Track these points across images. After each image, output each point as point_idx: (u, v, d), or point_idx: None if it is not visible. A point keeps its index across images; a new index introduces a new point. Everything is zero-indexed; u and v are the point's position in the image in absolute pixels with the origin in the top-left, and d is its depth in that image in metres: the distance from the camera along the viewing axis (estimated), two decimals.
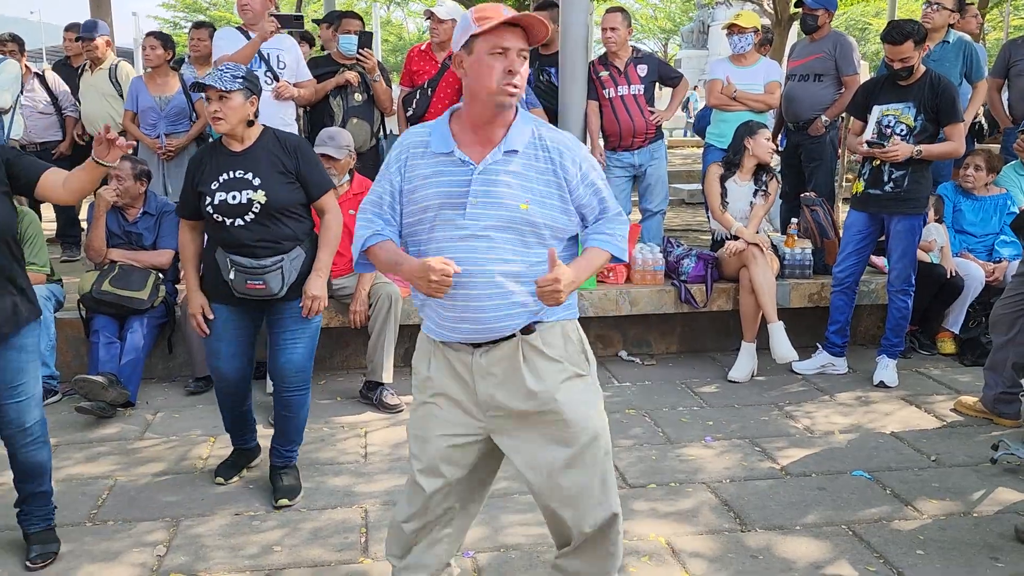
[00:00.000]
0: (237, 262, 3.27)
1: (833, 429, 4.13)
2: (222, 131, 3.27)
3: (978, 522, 3.24)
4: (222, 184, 3.26)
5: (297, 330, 3.40)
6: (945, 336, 5.27)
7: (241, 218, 3.24)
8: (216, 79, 3.20)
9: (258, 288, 3.28)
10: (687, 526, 3.22)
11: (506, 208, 2.25)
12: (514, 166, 2.27)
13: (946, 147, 4.54)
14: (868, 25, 29.94)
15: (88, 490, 3.53)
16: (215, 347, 3.44)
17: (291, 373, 3.40)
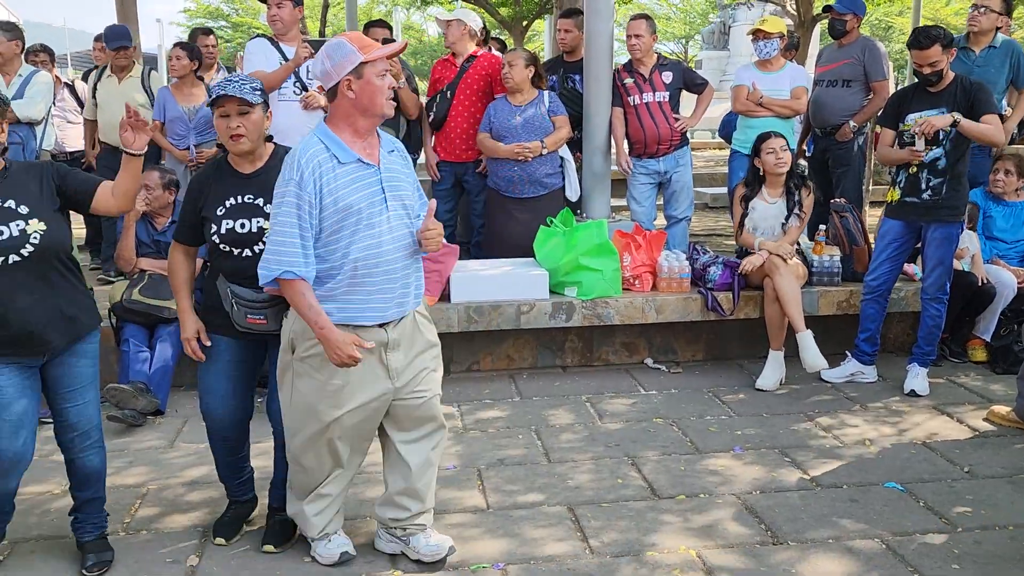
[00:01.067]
0: (238, 294, 2.94)
1: (864, 439, 4.10)
2: (244, 150, 2.93)
3: (1014, 535, 3.20)
4: (229, 210, 2.94)
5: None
6: (976, 344, 5.21)
7: (250, 248, 2.93)
8: (237, 89, 2.86)
9: (259, 323, 2.96)
10: (717, 539, 3.20)
11: (408, 197, 2.83)
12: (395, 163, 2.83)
13: (985, 129, 4.38)
14: (892, 24, 29.70)
15: (121, 500, 3.56)
16: (209, 383, 3.08)
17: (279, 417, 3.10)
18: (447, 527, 3.30)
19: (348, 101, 2.69)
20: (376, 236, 2.72)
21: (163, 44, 22.15)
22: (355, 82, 2.68)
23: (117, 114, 6.03)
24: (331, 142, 2.71)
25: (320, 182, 2.65)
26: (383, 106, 2.71)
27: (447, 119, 5.66)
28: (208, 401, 3.10)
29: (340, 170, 2.69)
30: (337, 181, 2.67)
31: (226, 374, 3.06)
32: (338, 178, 2.68)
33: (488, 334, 5.07)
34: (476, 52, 5.72)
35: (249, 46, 5.33)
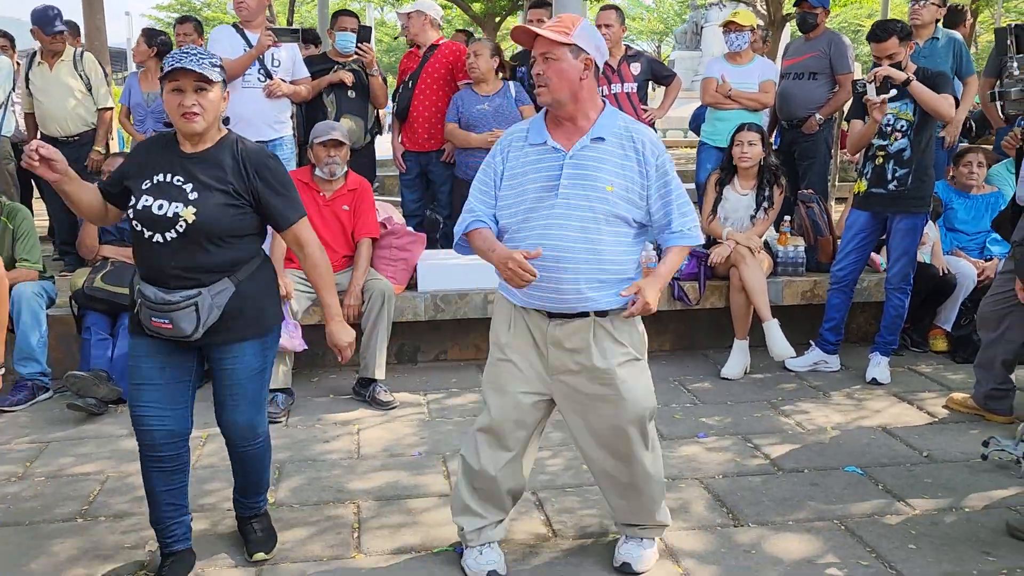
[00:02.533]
0: (143, 293, 2.63)
1: (826, 425, 4.14)
2: (196, 131, 2.60)
3: (970, 517, 3.25)
4: (153, 186, 2.62)
5: (234, 385, 2.75)
6: (937, 334, 5.28)
7: (161, 233, 2.59)
8: (195, 62, 2.54)
9: (164, 327, 2.61)
10: (680, 521, 3.21)
11: (594, 189, 2.60)
12: (601, 152, 2.63)
13: (937, 97, 4.41)
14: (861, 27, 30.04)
15: (80, 487, 3.52)
16: (134, 394, 2.72)
17: (237, 434, 2.84)
18: (411, 512, 3.29)
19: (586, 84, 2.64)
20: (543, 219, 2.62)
21: (131, 38, 21.91)
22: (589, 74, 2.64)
23: (55, 102, 5.91)
24: (533, 123, 2.73)
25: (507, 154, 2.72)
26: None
27: (410, 109, 5.65)
28: (136, 412, 2.72)
29: (530, 150, 2.69)
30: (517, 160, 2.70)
31: (154, 381, 2.70)
32: (527, 155, 2.69)
33: (456, 323, 5.07)
34: (438, 41, 5.72)
35: (213, 33, 5.29)
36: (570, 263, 2.59)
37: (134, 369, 2.73)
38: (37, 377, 4.44)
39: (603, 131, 2.64)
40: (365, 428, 4.15)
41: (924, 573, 2.87)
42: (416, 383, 4.77)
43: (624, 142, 2.64)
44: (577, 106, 2.63)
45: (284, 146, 5.30)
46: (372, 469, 3.69)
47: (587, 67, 2.60)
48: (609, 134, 2.64)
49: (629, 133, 2.65)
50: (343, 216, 4.53)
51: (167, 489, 2.79)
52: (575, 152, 2.63)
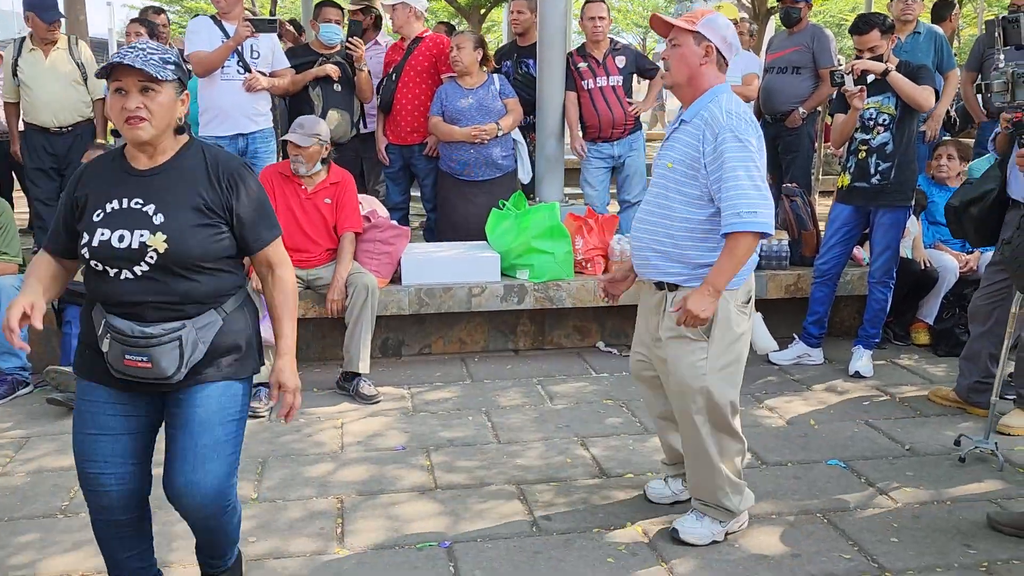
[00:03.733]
0: (114, 327, 2.19)
1: (808, 419, 4.16)
2: (141, 140, 2.19)
3: (951, 510, 3.27)
4: (108, 216, 2.19)
5: (203, 432, 2.26)
6: (919, 327, 5.31)
7: (129, 269, 2.19)
8: (141, 59, 2.14)
9: (141, 366, 2.18)
10: (663, 515, 3.22)
11: (660, 166, 2.87)
12: (682, 133, 2.83)
13: (915, 87, 4.43)
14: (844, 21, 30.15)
15: (60, 482, 3.49)
16: (87, 447, 2.27)
17: (198, 502, 2.27)
18: (394, 506, 3.28)
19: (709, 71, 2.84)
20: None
21: (113, 28, 21.69)
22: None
23: (49, 91, 5.73)
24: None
25: None
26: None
27: (393, 102, 5.63)
28: (86, 470, 2.28)
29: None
30: None
31: (109, 434, 2.28)
32: None
33: (440, 317, 5.05)
34: (422, 34, 5.69)
35: (191, 24, 5.24)
36: (642, 232, 2.92)
37: (87, 417, 2.28)
38: (17, 372, 4.40)
39: (690, 114, 2.82)
40: (348, 422, 4.13)
41: (906, 566, 2.89)
42: (400, 377, 4.75)
43: (700, 122, 2.78)
44: (693, 90, 2.82)
45: (265, 139, 5.27)
46: (355, 463, 3.67)
47: (707, 54, 2.80)
48: (693, 116, 2.81)
49: (704, 115, 2.78)
50: (325, 209, 4.50)
51: (130, 555, 2.41)
52: (671, 133, 2.89)
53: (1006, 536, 3.05)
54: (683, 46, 2.79)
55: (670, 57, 2.83)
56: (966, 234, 4.20)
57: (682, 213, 2.82)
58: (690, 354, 2.85)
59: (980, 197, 3.99)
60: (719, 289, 2.73)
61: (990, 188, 3.97)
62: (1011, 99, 3.27)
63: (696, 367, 2.85)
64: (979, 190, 4.02)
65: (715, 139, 2.71)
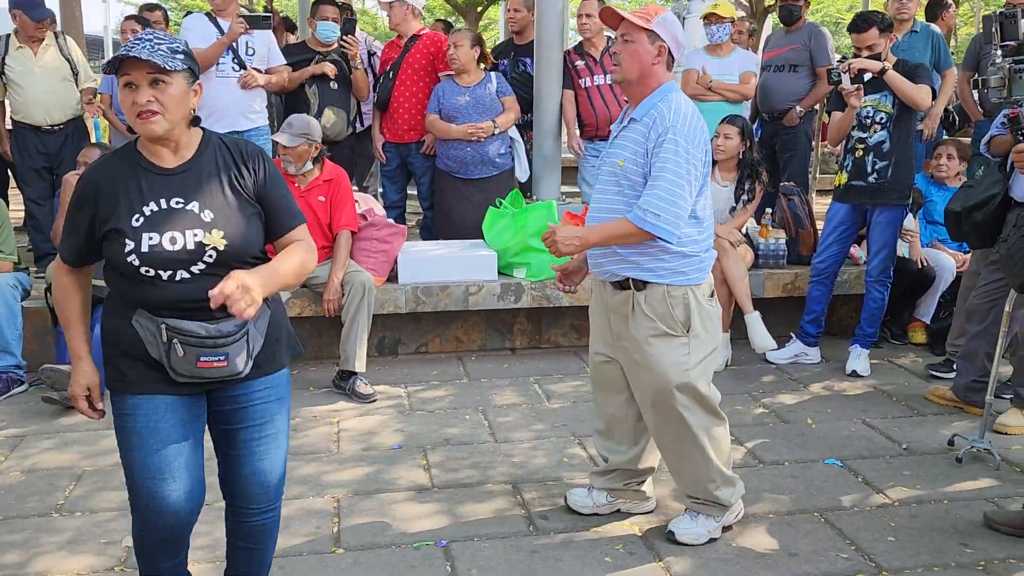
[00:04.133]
0: (182, 330, 2.11)
1: (806, 418, 4.15)
2: (156, 134, 2.11)
3: (948, 509, 3.26)
4: (150, 219, 2.10)
5: (266, 423, 2.28)
6: (917, 326, 5.31)
7: (186, 270, 2.11)
8: (148, 50, 2.05)
9: (217, 366, 2.14)
10: (660, 515, 3.21)
11: (610, 164, 2.85)
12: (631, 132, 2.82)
13: (911, 85, 4.43)
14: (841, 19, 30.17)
15: (56, 481, 3.47)
16: (154, 463, 2.16)
17: (261, 490, 2.32)
18: (391, 505, 3.27)
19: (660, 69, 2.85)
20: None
21: (109, 25, 21.62)
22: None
23: (40, 89, 5.62)
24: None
25: None
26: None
27: (390, 99, 5.61)
28: (157, 487, 2.17)
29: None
30: None
31: (175, 445, 2.18)
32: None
33: (436, 315, 5.04)
34: (419, 31, 5.68)
35: (185, 22, 5.23)
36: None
37: (146, 434, 2.17)
38: (12, 370, 4.38)
39: (640, 113, 2.81)
40: (344, 421, 4.12)
41: (903, 565, 2.88)
42: (396, 376, 4.74)
43: (648, 120, 2.77)
44: (642, 88, 2.81)
45: (260, 136, 5.25)
46: (351, 462, 3.66)
47: (660, 53, 2.79)
48: (643, 115, 2.80)
49: (652, 113, 2.78)
50: (318, 207, 4.49)
51: (173, 563, 2.34)
52: (619, 132, 2.88)
53: (1003, 535, 3.04)
54: (637, 43, 2.76)
55: (622, 52, 2.79)
56: (966, 238, 4.19)
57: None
58: (672, 351, 2.84)
59: (984, 202, 3.96)
60: (590, 241, 2.81)
61: (994, 193, 3.94)
62: (1008, 95, 3.26)
63: (680, 363, 2.84)
64: (983, 195, 3.97)
65: (658, 137, 2.74)
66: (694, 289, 2.84)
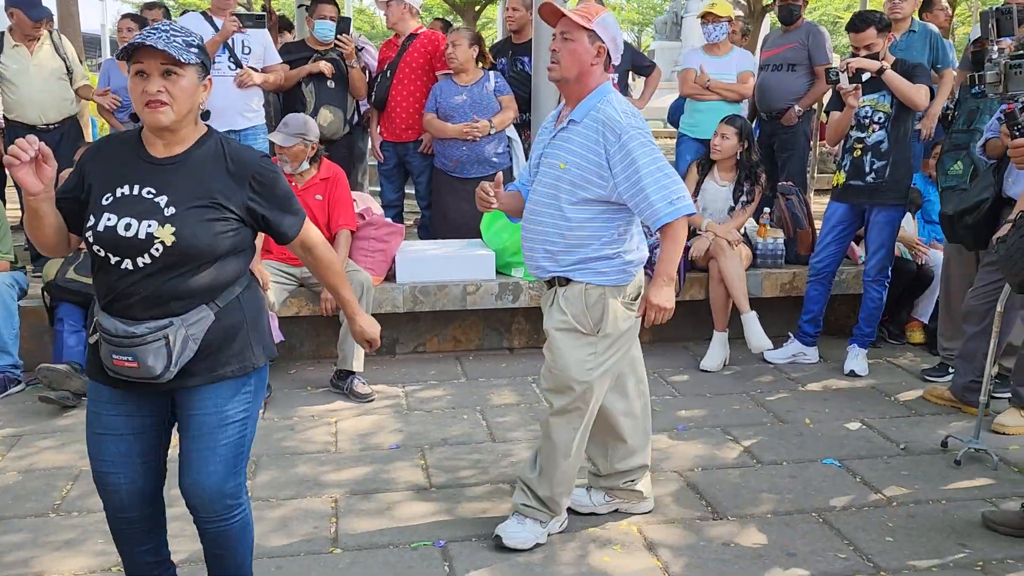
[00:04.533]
0: (102, 325, 2.16)
1: (804, 418, 4.15)
2: (162, 125, 2.12)
3: (946, 509, 3.27)
4: (116, 201, 2.13)
5: (203, 435, 2.24)
6: (915, 326, 5.31)
7: (132, 259, 2.12)
8: (163, 40, 2.06)
9: (128, 366, 2.13)
10: (658, 514, 3.21)
11: (554, 167, 2.80)
12: (572, 133, 2.78)
13: (909, 85, 4.43)
14: (839, 19, 30.20)
15: (52, 481, 3.47)
16: (96, 448, 2.26)
17: (203, 502, 2.26)
18: (389, 505, 3.27)
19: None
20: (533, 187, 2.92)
21: (106, 23, 21.59)
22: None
23: (36, 87, 5.59)
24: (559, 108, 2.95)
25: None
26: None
27: (388, 99, 5.61)
28: (99, 469, 2.28)
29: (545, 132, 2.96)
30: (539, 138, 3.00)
31: (114, 433, 2.25)
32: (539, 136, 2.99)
33: (434, 315, 5.03)
34: (417, 30, 5.68)
35: (181, 21, 5.23)
36: (531, 233, 2.87)
37: (94, 417, 2.27)
38: (8, 369, 4.37)
39: (580, 114, 2.78)
40: (342, 420, 4.12)
41: (901, 565, 2.88)
42: (394, 375, 4.74)
43: (594, 123, 2.75)
44: (580, 88, 2.78)
45: (257, 135, 5.25)
46: (349, 462, 3.66)
47: (599, 54, 2.76)
48: (584, 116, 2.77)
49: (600, 117, 2.75)
50: (315, 206, 4.48)
51: (145, 549, 2.39)
52: (557, 132, 2.84)
53: (1001, 535, 3.05)
54: (576, 42, 2.73)
55: (561, 50, 2.75)
56: (962, 240, 4.19)
57: (577, 213, 2.77)
58: (579, 349, 2.83)
59: (975, 207, 3.98)
60: (672, 277, 2.83)
61: (984, 198, 3.95)
62: (1004, 90, 3.26)
63: (584, 363, 2.83)
64: (974, 199, 3.99)
65: (619, 140, 2.70)
66: (613, 291, 2.83)
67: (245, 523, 2.37)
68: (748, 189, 5.04)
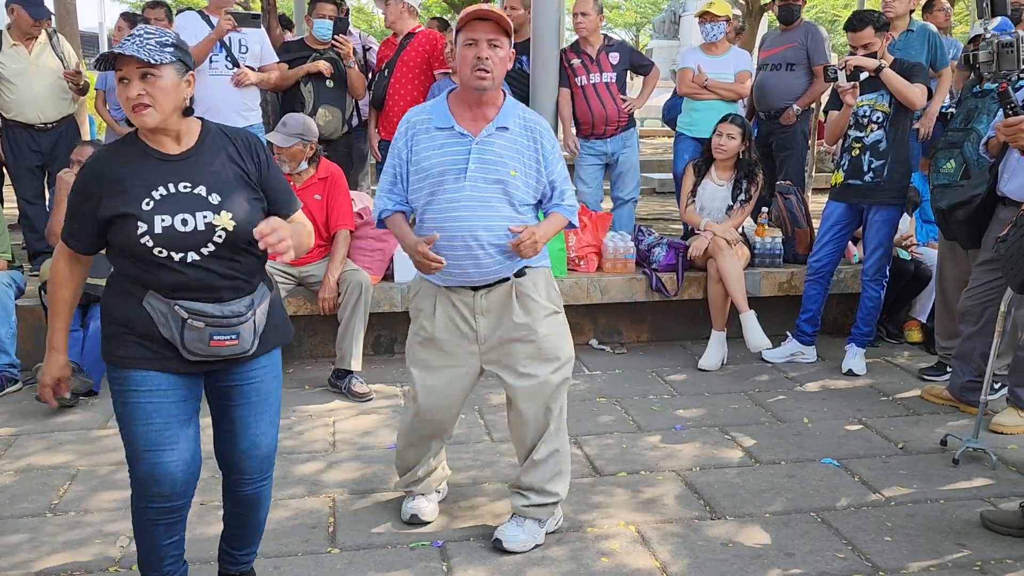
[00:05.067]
0: (197, 311, 2.24)
1: (802, 417, 4.15)
2: (151, 125, 2.20)
3: (945, 509, 3.27)
4: (161, 202, 2.21)
5: (260, 401, 2.42)
6: (912, 325, 5.31)
7: (196, 251, 2.23)
8: (136, 47, 2.15)
9: (229, 344, 2.27)
10: (657, 514, 3.21)
11: (499, 174, 2.77)
12: (506, 140, 2.80)
13: (907, 84, 4.44)
14: (837, 17, 30.22)
15: (50, 480, 3.46)
16: (156, 437, 2.28)
17: (257, 464, 2.46)
18: (387, 503, 3.26)
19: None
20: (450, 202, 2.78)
21: (104, 22, 21.57)
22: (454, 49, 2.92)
23: (35, 87, 5.57)
24: (436, 107, 2.86)
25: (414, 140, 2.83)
26: (466, 75, 2.74)
27: (386, 97, 5.60)
28: (158, 459, 2.28)
29: (439, 134, 2.82)
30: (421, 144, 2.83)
31: (176, 419, 2.31)
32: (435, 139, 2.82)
33: None
34: (415, 29, 5.67)
35: (178, 20, 5.23)
36: (485, 240, 2.77)
37: (149, 407, 2.27)
38: (6, 369, 4.36)
39: (506, 120, 2.82)
40: (340, 420, 4.11)
41: (899, 565, 2.88)
42: (393, 375, 4.73)
43: (526, 132, 2.83)
44: (497, 95, 2.83)
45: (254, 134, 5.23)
46: (347, 461, 3.65)
47: (511, 59, 2.84)
48: (512, 124, 2.82)
49: (529, 124, 2.85)
50: (314, 206, 4.47)
51: (171, 541, 2.42)
52: (482, 138, 2.79)
53: (1000, 535, 3.05)
54: (503, 49, 2.77)
55: (491, 57, 2.71)
56: (955, 237, 4.20)
57: (523, 214, 2.85)
58: (563, 326, 2.98)
59: (967, 201, 3.99)
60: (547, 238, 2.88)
61: (977, 193, 3.96)
62: (997, 68, 3.28)
63: (569, 337, 3.00)
64: (966, 194, 4.01)
65: (549, 145, 2.87)
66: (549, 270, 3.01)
67: (272, 483, 2.58)
68: (746, 188, 5.04)
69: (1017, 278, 3.14)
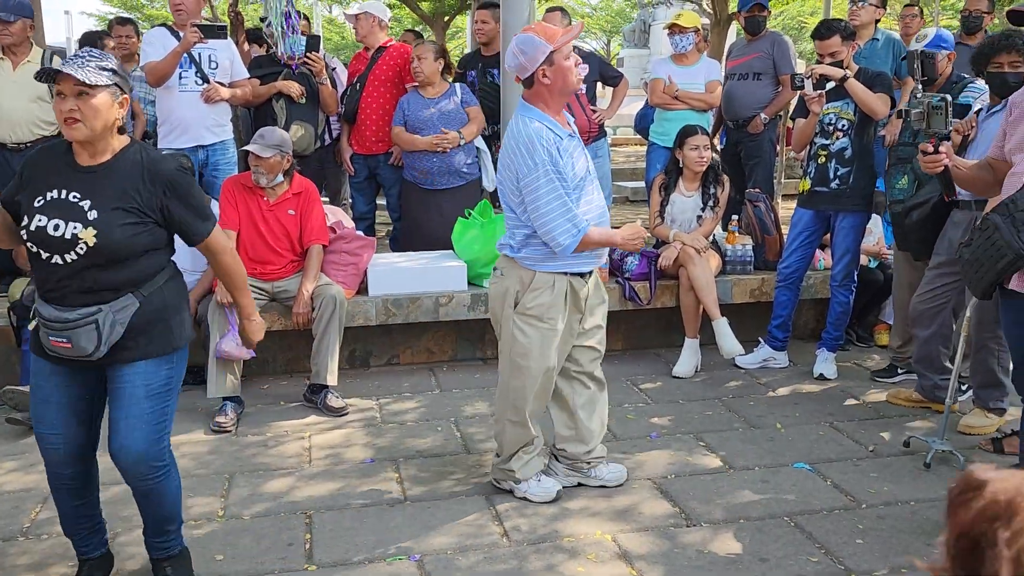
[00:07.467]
0: (40, 312, 2.54)
1: (774, 422, 4.20)
2: (78, 138, 2.45)
3: (915, 510, 3.32)
4: (47, 204, 2.47)
5: (130, 404, 2.58)
6: (882, 328, 5.39)
7: (60, 255, 2.46)
8: (75, 67, 2.40)
9: (62, 347, 2.50)
10: (632, 522, 3.23)
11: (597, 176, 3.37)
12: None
13: (870, 95, 4.51)
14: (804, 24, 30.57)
15: (21, 504, 3.43)
16: (39, 411, 2.65)
17: (129, 463, 2.62)
18: (363, 518, 3.26)
19: (544, 87, 3.09)
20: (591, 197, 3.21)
21: (72, 37, 21.38)
22: (548, 69, 3.06)
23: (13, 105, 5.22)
24: (547, 121, 3.11)
25: (559, 155, 3.08)
26: (573, 83, 3.12)
27: (358, 111, 5.61)
28: (39, 430, 2.67)
29: (564, 142, 3.12)
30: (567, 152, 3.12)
31: (56, 400, 2.62)
32: (566, 149, 3.12)
33: (407, 327, 5.03)
34: (386, 43, 5.69)
35: (147, 36, 5.20)
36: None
37: (36, 388, 2.64)
38: None
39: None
40: (316, 435, 4.10)
41: (872, 567, 2.93)
42: (368, 388, 4.73)
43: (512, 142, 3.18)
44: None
45: (226, 150, 5.22)
46: (324, 477, 3.65)
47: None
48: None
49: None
50: (288, 221, 4.47)
51: (78, 504, 2.75)
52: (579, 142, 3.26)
53: None
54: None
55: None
56: (910, 246, 4.26)
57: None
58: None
59: (923, 202, 4.08)
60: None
61: (932, 196, 4.03)
62: (927, 127, 3.37)
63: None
64: (923, 196, 4.10)
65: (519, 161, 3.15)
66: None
67: (169, 479, 2.71)
68: (714, 193, 5.09)
69: (981, 284, 3.19)
